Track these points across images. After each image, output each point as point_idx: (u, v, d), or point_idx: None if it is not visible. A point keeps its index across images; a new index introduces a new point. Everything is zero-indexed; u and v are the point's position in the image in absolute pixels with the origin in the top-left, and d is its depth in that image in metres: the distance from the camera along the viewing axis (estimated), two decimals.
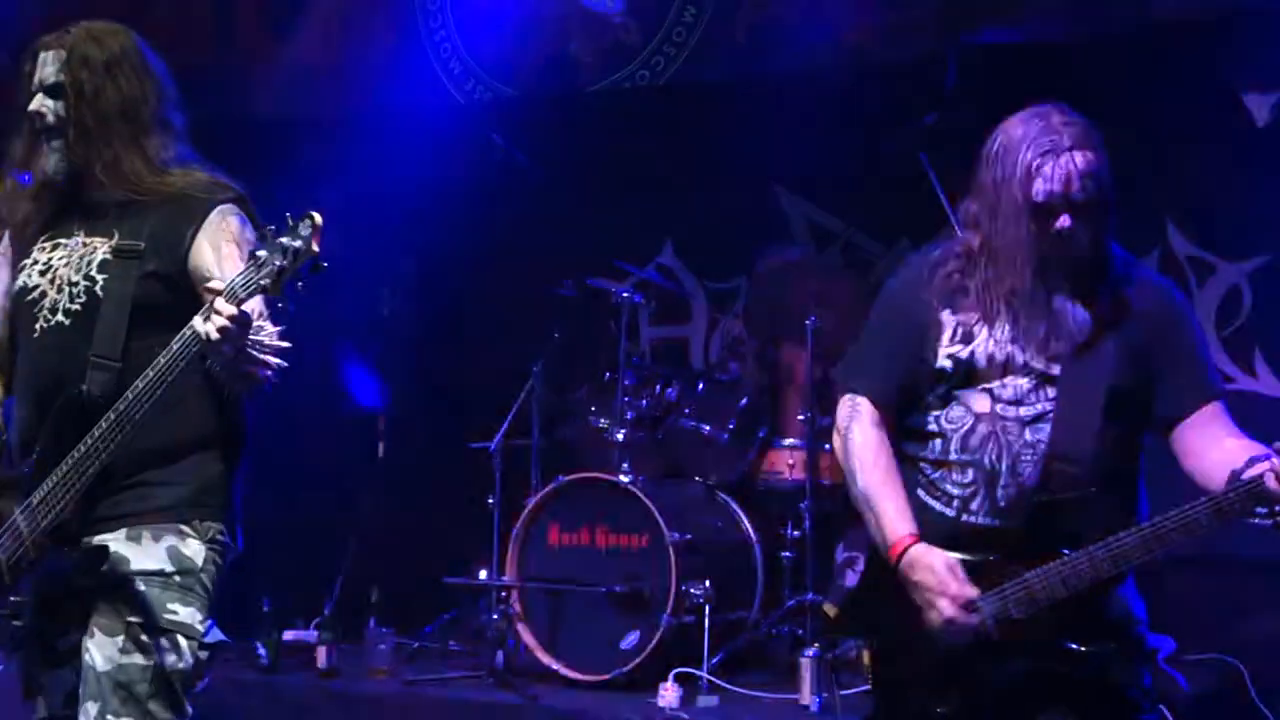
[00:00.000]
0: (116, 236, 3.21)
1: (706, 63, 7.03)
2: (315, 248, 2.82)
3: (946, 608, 3.14)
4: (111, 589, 3.13)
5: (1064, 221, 3.13)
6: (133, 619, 3.12)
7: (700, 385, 6.38)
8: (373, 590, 6.54)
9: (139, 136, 3.25)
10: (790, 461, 6.27)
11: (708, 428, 6.27)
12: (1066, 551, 3.10)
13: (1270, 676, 5.62)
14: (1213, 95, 6.21)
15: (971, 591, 3.14)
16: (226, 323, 2.86)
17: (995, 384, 3.22)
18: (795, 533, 6.07)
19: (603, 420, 6.29)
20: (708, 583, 5.69)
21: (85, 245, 3.26)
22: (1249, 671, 5.66)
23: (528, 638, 5.85)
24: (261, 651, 6.03)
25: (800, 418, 6.23)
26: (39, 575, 3.16)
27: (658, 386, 6.34)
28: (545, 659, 5.80)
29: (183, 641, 3.17)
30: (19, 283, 3.32)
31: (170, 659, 3.15)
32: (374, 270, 7.37)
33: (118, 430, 3.04)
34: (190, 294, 3.18)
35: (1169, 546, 3.02)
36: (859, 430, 3.33)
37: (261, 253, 2.84)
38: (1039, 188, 3.13)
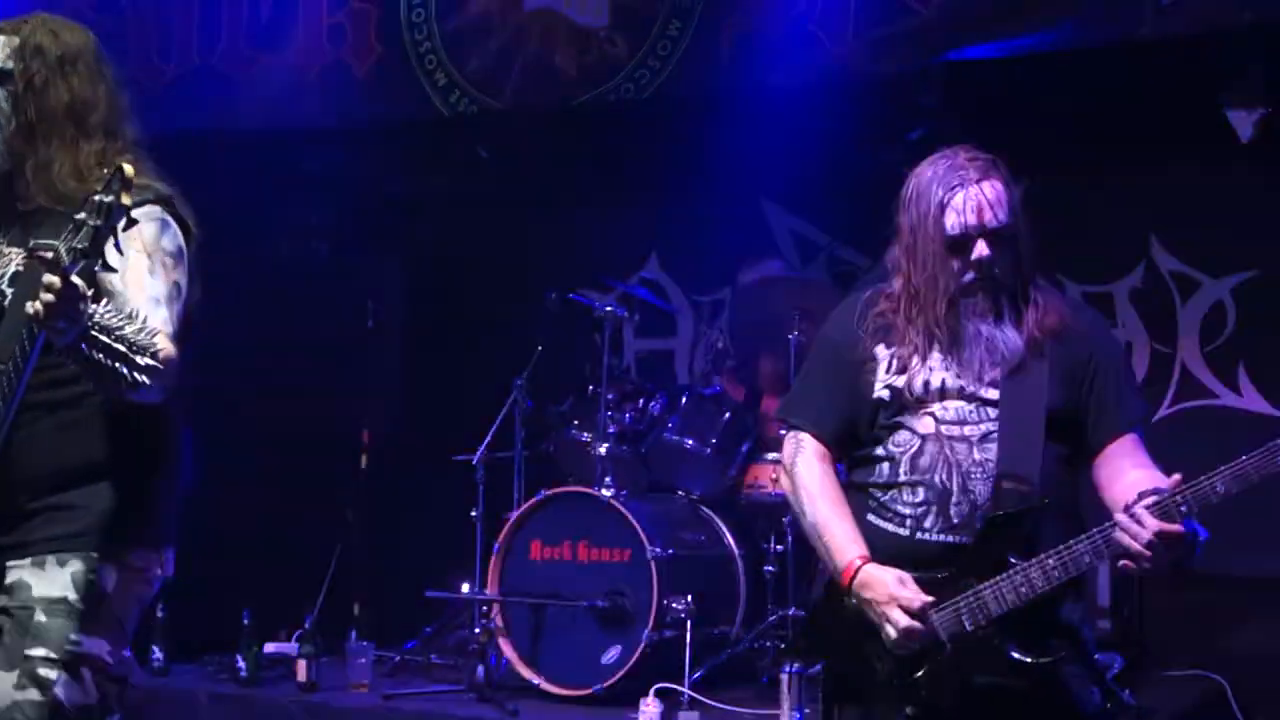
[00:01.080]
0: (33, 242, 2.97)
1: (691, 77, 7.00)
2: (126, 200, 2.65)
3: (899, 618, 3.16)
4: (12, 620, 2.96)
5: (981, 249, 3.22)
6: (32, 651, 2.94)
7: (684, 399, 6.36)
8: (354, 603, 6.51)
9: (79, 141, 3.07)
10: (773, 475, 6.25)
11: (691, 442, 6.25)
12: (1015, 560, 3.13)
13: (1252, 691, 5.62)
14: (1196, 111, 6.22)
15: (922, 599, 3.16)
16: (50, 296, 2.62)
17: (935, 407, 3.26)
18: (778, 547, 6.06)
19: (586, 434, 6.27)
20: (689, 597, 5.68)
21: (3, 256, 3.08)
22: (1230, 686, 5.65)
23: (509, 652, 5.83)
24: (241, 664, 6.00)
25: (783, 432, 6.19)
26: None
27: (641, 400, 6.33)
28: (527, 673, 5.78)
29: (86, 674, 2.97)
30: None
31: (71, 693, 2.95)
32: (359, 283, 7.35)
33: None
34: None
35: (1116, 553, 3.05)
36: (803, 464, 3.39)
37: (79, 215, 2.67)
38: (952, 221, 3.22)
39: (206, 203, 3.25)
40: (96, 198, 2.63)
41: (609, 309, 6.24)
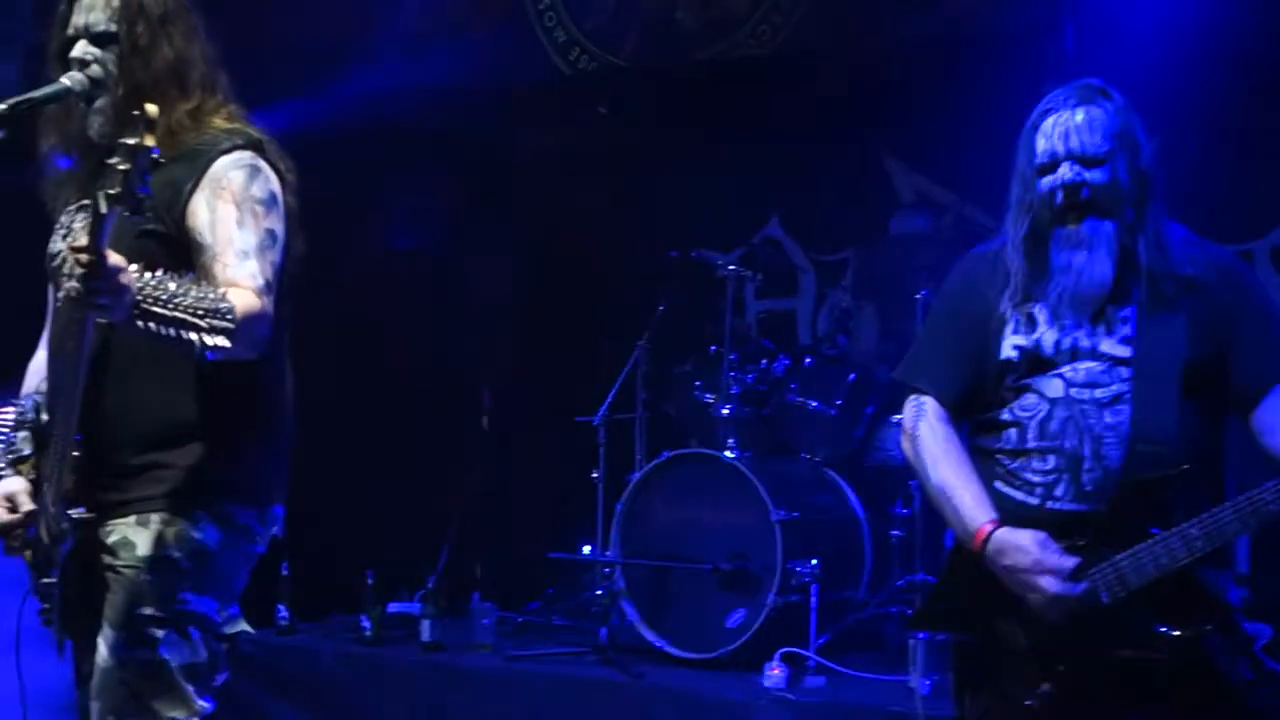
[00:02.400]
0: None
1: (815, 32, 6.90)
2: (149, 141, 2.60)
3: (1050, 583, 3.04)
4: (119, 578, 2.97)
5: (1064, 171, 3.12)
6: (139, 610, 2.95)
7: (808, 360, 6.27)
8: (477, 564, 6.51)
9: (178, 101, 3.05)
10: (900, 439, 6.12)
11: (815, 403, 6.15)
12: (1157, 531, 3.00)
13: None
14: None
15: (1070, 562, 3.04)
16: (81, 270, 2.59)
17: (1065, 369, 3.14)
18: (905, 511, 5.95)
19: (709, 395, 6.19)
20: (815, 561, 5.58)
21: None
22: None
23: (632, 614, 5.79)
24: (366, 624, 6.03)
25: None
26: (63, 557, 3.01)
27: (764, 361, 6.25)
28: (650, 636, 5.74)
29: (194, 633, 2.99)
30: (49, 248, 3.19)
31: (180, 653, 2.97)
32: (482, 242, 7.33)
33: (69, 399, 2.88)
34: (190, 258, 2.96)
35: (1266, 522, 2.91)
36: (926, 428, 3.29)
37: (110, 161, 2.62)
38: (1041, 146, 3.16)
39: (323, 169, 3.21)
40: (122, 140, 2.60)
41: (732, 268, 6.17)
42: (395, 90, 7.41)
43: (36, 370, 3.28)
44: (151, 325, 2.70)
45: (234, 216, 2.97)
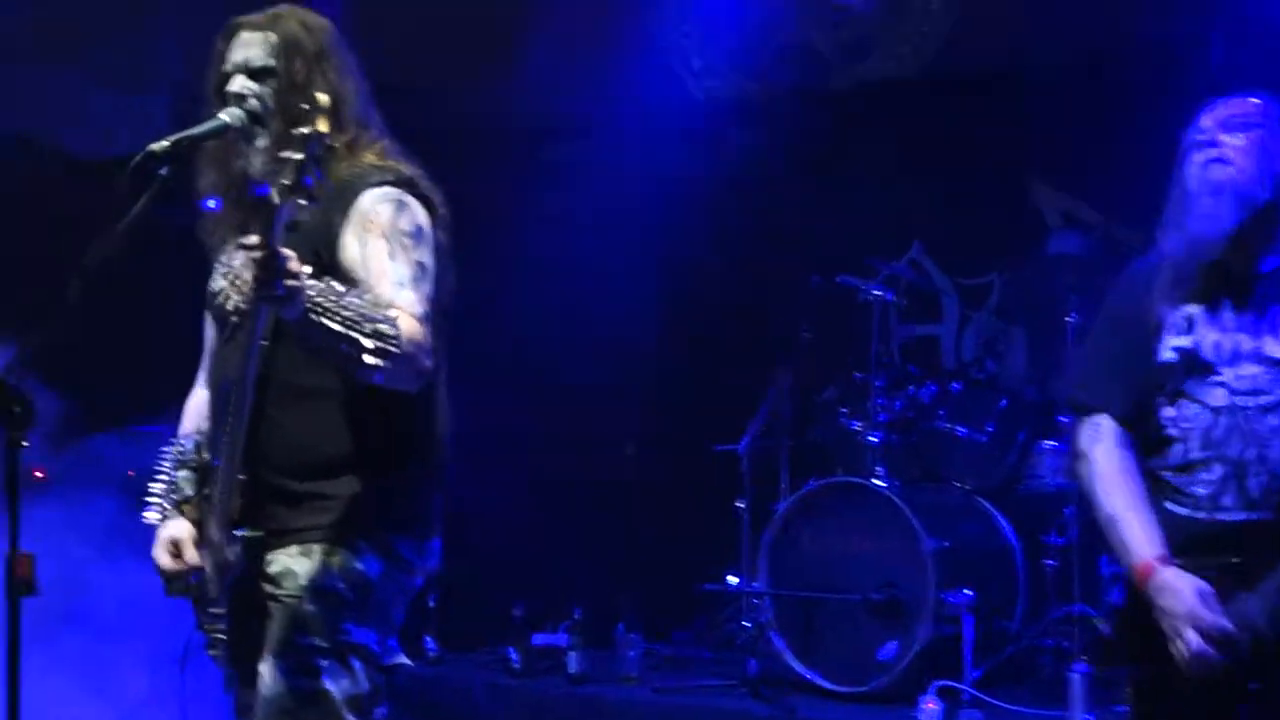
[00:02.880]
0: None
1: (956, 53, 6.81)
2: (322, 127, 2.61)
3: (1192, 639, 2.96)
4: (282, 607, 2.97)
5: (1209, 151, 3.09)
6: (302, 639, 2.95)
7: (956, 385, 6.17)
8: (622, 595, 6.48)
9: (337, 135, 3.02)
10: (1053, 465, 6.01)
11: (964, 430, 6.05)
12: None
13: None
14: None
15: (1224, 624, 2.95)
16: (256, 255, 2.60)
17: (1228, 374, 3.06)
18: (1059, 540, 5.82)
19: (855, 422, 6.12)
20: (968, 591, 5.46)
21: None
22: None
23: (781, 646, 5.72)
24: (513, 656, 6.02)
25: (1063, 419, 5.96)
26: (230, 587, 3.02)
27: (911, 387, 6.16)
28: (799, 668, 5.66)
29: (356, 664, 2.97)
30: (210, 287, 3.21)
31: (342, 683, 2.95)
32: (620, 269, 7.32)
33: (238, 419, 2.89)
34: None
35: None
36: (1102, 452, 3.18)
37: (283, 154, 2.64)
38: (1190, 139, 3.13)
39: (457, 195, 3.21)
40: (295, 130, 2.62)
41: (876, 293, 6.10)
42: (528, 116, 7.44)
43: (196, 409, 3.30)
44: (323, 321, 2.71)
45: (385, 249, 2.97)
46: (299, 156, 2.60)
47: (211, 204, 3.18)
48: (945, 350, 7.30)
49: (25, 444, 2.75)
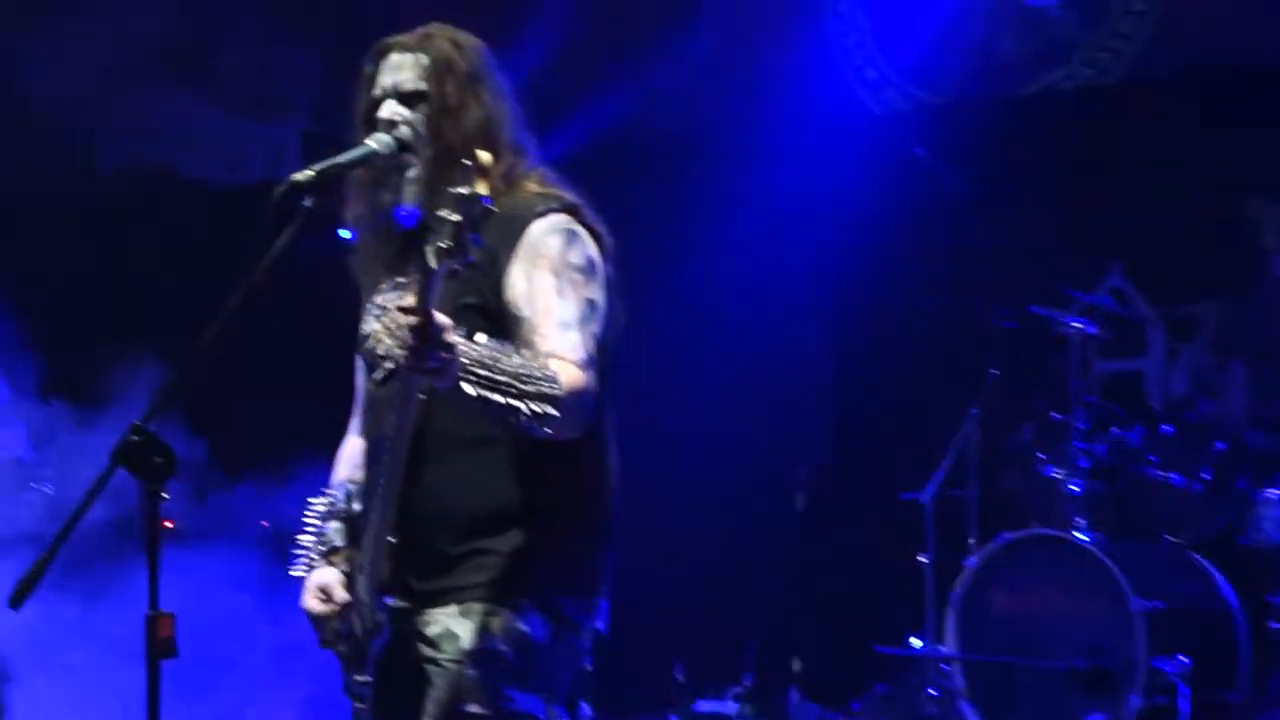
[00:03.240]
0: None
1: (1159, 57, 6.70)
2: (481, 189, 2.60)
3: None
4: (441, 671, 2.96)
5: None
6: (462, 706, 2.94)
7: (1167, 427, 6.05)
8: (794, 658, 6.44)
9: (494, 162, 2.99)
10: (1279, 516, 5.85)
11: (1177, 477, 5.93)
12: None
13: None
14: None
15: None
16: (408, 329, 2.61)
17: None
18: None
19: (1053, 469, 6.03)
20: (1184, 658, 5.39)
21: (415, 283, 3.03)
22: None
23: (972, 717, 5.67)
24: None
25: None
26: (378, 651, 3.03)
27: (1116, 429, 6.06)
28: None
29: None
30: (361, 330, 3.23)
31: None
32: (785, 303, 7.29)
33: (391, 479, 2.89)
34: (509, 332, 2.96)
35: None
36: None
37: (440, 213, 2.63)
38: None
39: (617, 216, 3.20)
40: (453, 190, 2.63)
41: (1075, 325, 6.02)
42: (679, 133, 7.47)
43: (348, 457, 3.34)
44: (478, 390, 2.73)
45: (552, 286, 2.98)
46: (457, 218, 2.61)
47: (347, 234, 3.22)
48: (1152, 388, 7.18)
49: (166, 496, 2.78)
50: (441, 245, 2.61)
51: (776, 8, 7.13)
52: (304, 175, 2.96)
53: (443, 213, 2.63)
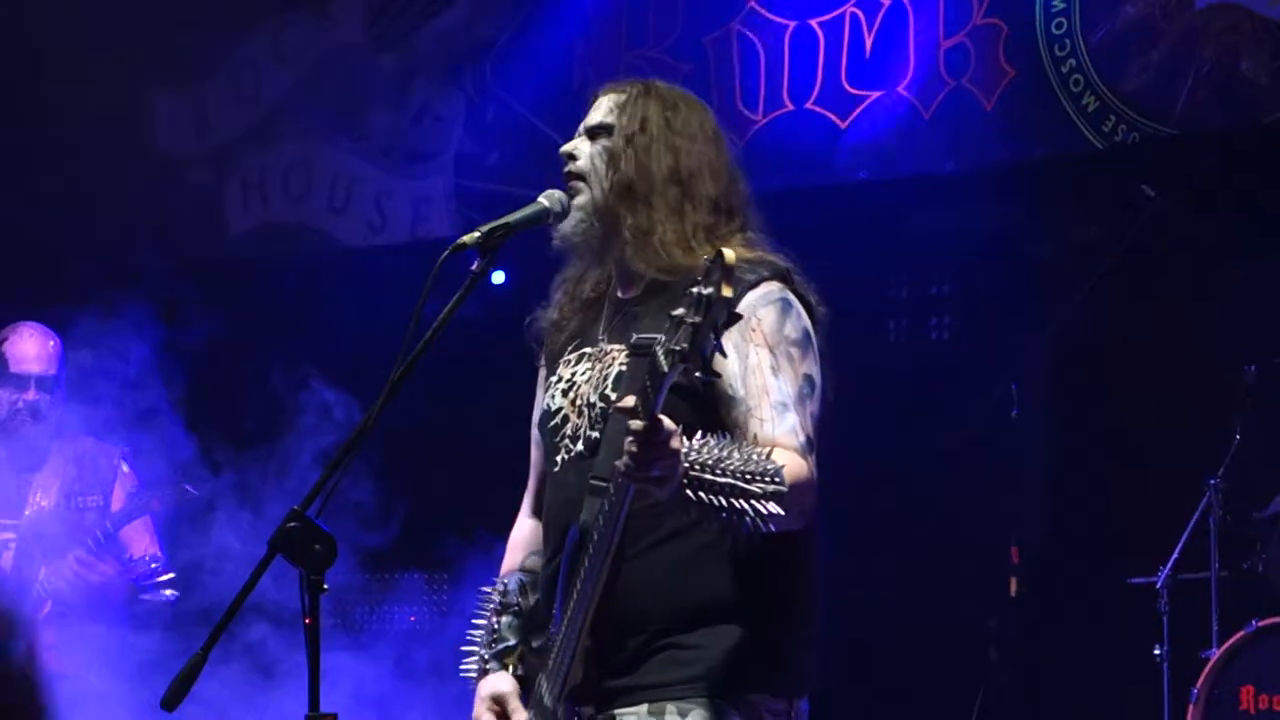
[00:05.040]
0: (634, 337, 2.91)
1: None
2: (727, 292, 2.60)
3: None
4: None
5: None
6: None
7: None
8: None
9: (684, 208, 3.14)
10: None
11: None
12: None
13: None
14: None
15: None
16: (634, 447, 2.66)
17: None
18: None
19: None
20: None
21: (605, 354, 3.18)
22: None
23: None
24: None
25: None
26: None
27: None
28: None
29: None
30: (542, 405, 3.29)
31: None
32: (996, 360, 7.26)
33: (590, 579, 2.93)
34: (716, 413, 3.03)
35: None
36: None
37: (677, 311, 2.64)
38: None
39: (810, 271, 3.24)
40: (694, 290, 2.64)
41: None
42: (885, 179, 7.48)
43: (521, 543, 3.41)
44: (702, 495, 2.77)
45: (768, 362, 3.03)
46: (696, 320, 2.63)
47: (500, 278, 3.29)
48: None
49: (326, 588, 2.86)
50: (676, 349, 2.64)
51: (986, 32, 7.11)
52: (471, 237, 3.06)
53: (680, 310, 2.66)
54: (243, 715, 5.56)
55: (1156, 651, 6.09)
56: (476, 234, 3.08)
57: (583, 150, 3.22)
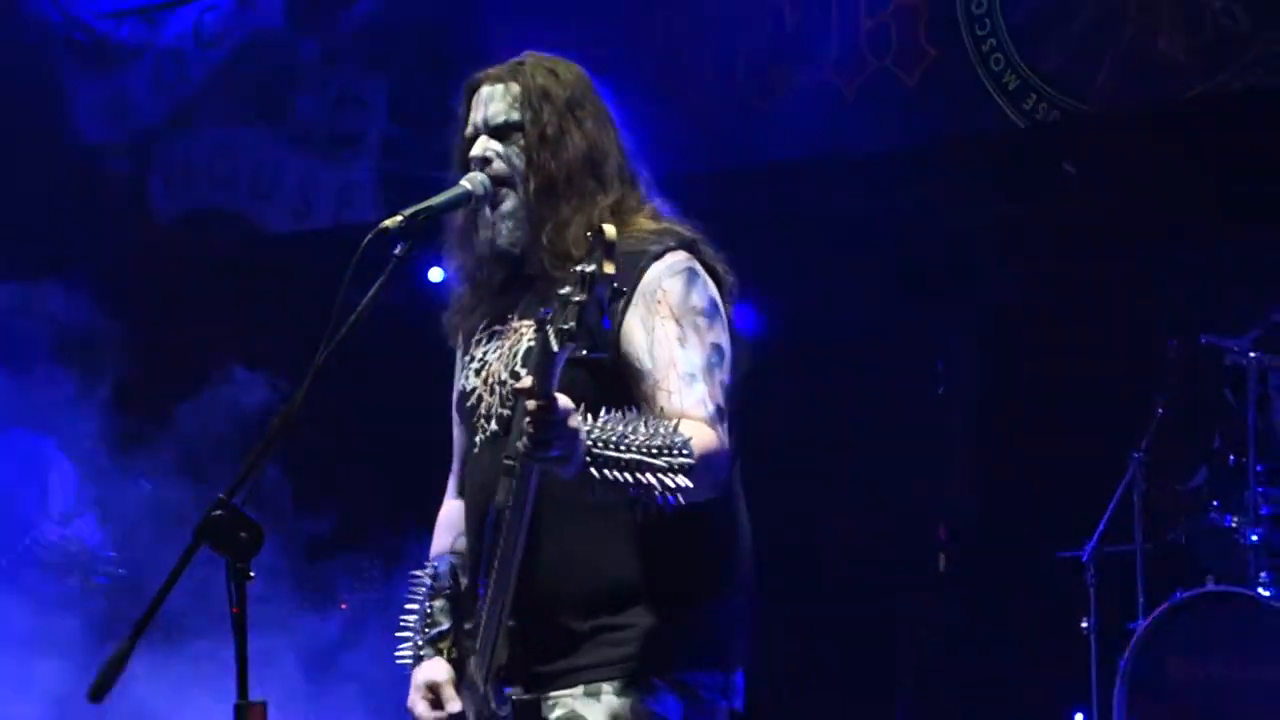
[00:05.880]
0: (539, 311, 2.85)
1: None
2: (609, 269, 2.62)
3: None
4: None
5: None
6: None
7: None
8: None
9: (596, 195, 3.13)
10: None
11: None
12: None
13: None
14: None
15: None
16: (530, 426, 2.67)
17: None
18: None
19: (1230, 517, 6.01)
20: None
21: (514, 332, 3.18)
22: None
23: None
24: None
25: None
26: None
27: None
28: None
29: None
30: (457, 387, 3.29)
31: None
32: (920, 340, 7.30)
33: (506, 559, 2.93)
34: (624, 386, 3.02)
35: None
36: None
37: (563, 290, 2.67)
38: None
39: (727, 250, 3.25)
40: (578, 268, 2.66)
41: (1252, 355, 5.98)
42: (807, 159, 7.51)
43: (448, 525, 3.40)
44: (606, 473, 2.77)
45: (674, 333, 3.01)
46: (581, 298, 2.65)
47: (437, 276, 3.28)
48: None
49: (252, 576, 2.85)
50: (564, 327, 2.65)
51: (906, 12, 7.14)
52: (393, 221, 3.04)
53: (565, 291, 2.67)
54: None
55: (1084, 624, 6.12)
56: (399, 218, 3.06)
57: (494, 150, 3.17)
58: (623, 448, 2.78)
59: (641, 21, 7.69)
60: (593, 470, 2.77)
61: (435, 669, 3.21)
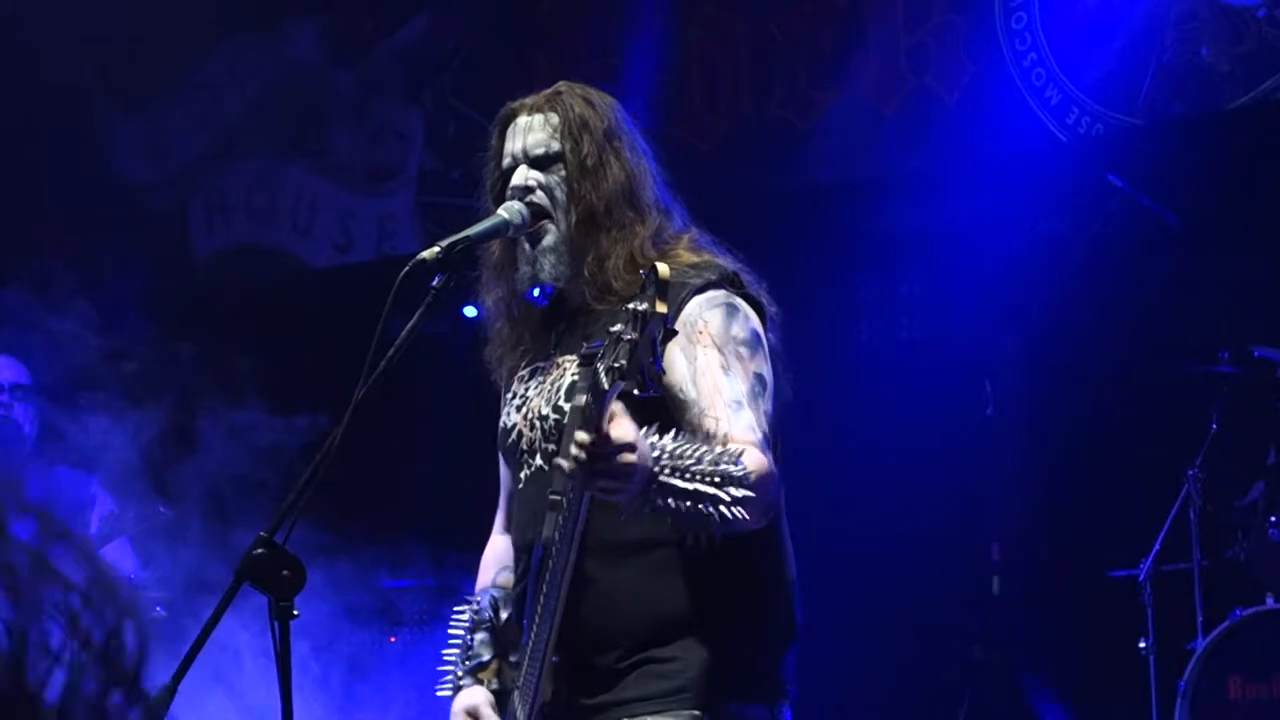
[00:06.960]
0: (584, 346, 2.93)
1: None
2: (661, 308, 2.62)
3: None
4: None
5: None
6: None
7: None
8: None
9: (635, 225, 3.14)
10: None
11: None
12: None
13: None
14: None
15: None
16: (582, 455, 2.66)
17: None
18: None
19: None
20: None
21: (557, 368, 3.18)
22: None
23: None
24: None
25: None
26: None
27: None
28: None
29: None
30: (500, 424, 3.29)
31: None
32: (968, 359, 7.25)
33: (551, 594, 2.93)
34: (667, 416, 3.00)
35: None
36: None
37: (615, 328, 2.66)
38: None
39: (776, 274, 3.24)
40: (630, 306, 2.65)
41: None
42: (850, 181, 7.48)
43: (493, 560, 3.40)
44: (668, 502, 2.77)
45: (718, 362, 3.02)
46: (633, 336, 2.64)
47: (473, 312, 3.27)
48: None
49: (297, 614, 2.84)
50: (615, 365, 2.64)
51: (945, 29, 7.12)
52: (430, 252, 3.04)
53: (618, 329, 2.66)
54: None
55: (1142, 645, 6.07)
56: (436, 249, 3.06)
57: (535, 180, 3.17)
58: (688, 476, 2.77)
59: (679, 45, 7.68)
60: (656, 499, 2.77)
61: (474, 695, 3.21)
